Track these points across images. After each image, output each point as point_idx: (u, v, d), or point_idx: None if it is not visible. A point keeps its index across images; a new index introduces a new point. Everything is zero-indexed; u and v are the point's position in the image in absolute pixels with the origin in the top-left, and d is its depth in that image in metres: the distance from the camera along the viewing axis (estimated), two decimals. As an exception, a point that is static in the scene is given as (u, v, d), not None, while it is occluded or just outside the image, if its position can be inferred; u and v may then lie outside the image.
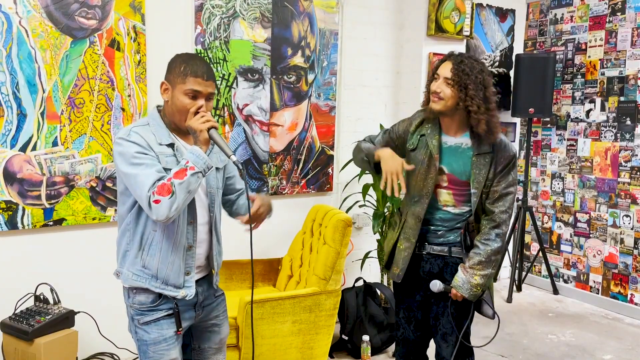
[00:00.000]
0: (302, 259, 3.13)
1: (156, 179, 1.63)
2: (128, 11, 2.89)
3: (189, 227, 1.78)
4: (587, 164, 4.35)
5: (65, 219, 2.81)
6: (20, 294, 2.61)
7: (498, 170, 2.10)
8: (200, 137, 1.68)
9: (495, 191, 2.10)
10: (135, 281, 1.76)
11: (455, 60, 2.08)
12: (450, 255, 2.17)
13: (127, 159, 1.67)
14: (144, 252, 1.75)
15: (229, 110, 3.28)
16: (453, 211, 2.15)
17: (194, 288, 1.81)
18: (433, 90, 2.10)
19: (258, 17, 3.32)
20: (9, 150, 2.65)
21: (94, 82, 2.83)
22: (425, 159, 2.14)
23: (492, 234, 2.10)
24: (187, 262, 1.79)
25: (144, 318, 1.77)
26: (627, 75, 4.07)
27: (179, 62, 1.74)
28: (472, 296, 2.08)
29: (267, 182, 3.48)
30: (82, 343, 2.64)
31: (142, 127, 1.75)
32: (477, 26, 4.37)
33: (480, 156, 2.09)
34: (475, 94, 2.03)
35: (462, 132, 2.14)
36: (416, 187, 2.17)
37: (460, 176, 2.12)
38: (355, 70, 3.83)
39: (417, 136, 2.19)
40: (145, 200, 1.62)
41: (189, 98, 1.71)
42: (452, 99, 2.06)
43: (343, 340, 3.29)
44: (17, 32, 2.61)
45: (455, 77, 2.04)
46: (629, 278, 4.09)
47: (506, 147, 2.12)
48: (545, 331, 3.76)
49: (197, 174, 1.65)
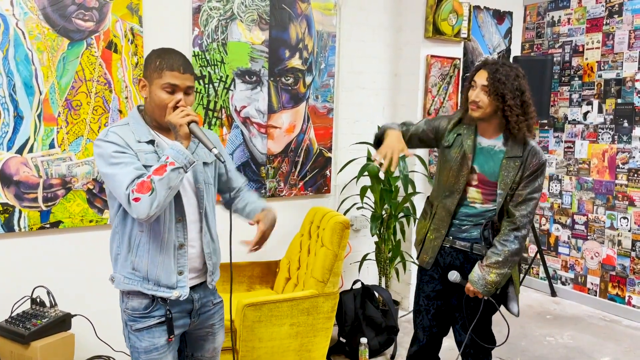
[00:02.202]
0: (300, 261, 3.12)
1: (135, 176, 1.60)
2: (125, 13, 2.88)
3: (177, 225, 1.74)
4: (584, 166, 4.36)
5: (62, 222, 2.80)
6: (17, 297, 2.60)
7: (526, 175, 2.16)
8: (181, 131, 1.65)
9: (520, 195, 2.17)
10: (127, 284, 1.73)
11: (490, 69, 2.14)
12: (472, 251, 2.27)
13: (106, 159, 1.64)
14: (132, 254, 1.72)
15: (227, 113, 3.28)
16: (479, 208, 2.24)
17: (187, 288, 1.77)
18: (472, 99, 2.16)
19: (256, 19, 3.32)
20: (6, 153, 2.64)
21: (91, 84, 2.82)
22: (459, 157, 2.22)
23: (511, 236, 2.16)
24: (179, 262, 1.75)
25: (136, 325, 1.74)
26: (624, 78, 4.08)
27: (154, 56, 1.71)
28: (485, 292, 2.17)
29: (264, 184, 3.47)
30: (79, 346, 2.63)
31: (120, 127, 1.71)
32: (474, 28, 4.38)
33: (511, 159, 2.16)
34: (514, 103, 2.10)
35: (496, 135, 2.21)
36: (448, 182, 2.27)
37: (489, 177, 2.20)
38: (353, 73, 3.84)
39: (454, 135, 2.28)
40: (124, 199, 1.59)
41: (166, 93, 1.67)
42: (490, 107, 2.13)
43: (341, 343, 3.29)
44: (13, 34, 2.60)
45: (492, 86, 2.10)
46: (626, 280, 4.09)
47: (537, 154, 2.18)
48: (543, 333, 3.76)
49: (177, 170, 1.61)
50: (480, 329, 2.32)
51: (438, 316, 2.39)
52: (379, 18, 3.92)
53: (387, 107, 4.03)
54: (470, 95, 2.17)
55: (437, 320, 2.40)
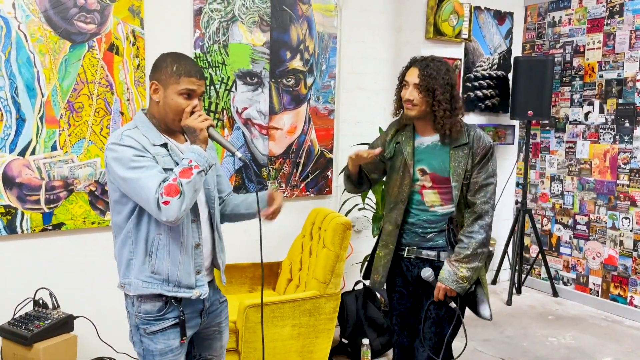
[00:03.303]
0: (302, 262, 3.13)
1: (161, 179, 1.61)
2: (127, 15, 2.89)
3: (193, 225, 1.76)
4: (586, 166, 4.36)
5: (65, 224, 2.81)
6: (19, 299, 2.60)
7: (476, 162, 2.12)
8: (201, 135, 1.68)
9: (475, 182, 2.12)
10: (147, 288, 1.72)
11: (421, 65, 2.11)
12: (439, 259, 2.17)
13: (125, 163, 1.63)
14: (151, 257, 1.72)
15: (228, 114, 3.29)
16: (440, 211, 2.17)
17: (206, 286, 1.80)
18: (406, 98, 2.13)
19: (257, 21, 3.33)
20: (8, 155, 2.64)
21: (93, 86, 2.83)
22: (401, 166, 2.18)
23: (475, 226, 2.10)
24: (197, 261, 1.78)
25: (150, 327, 1.75)
26: (625, 78, 4.08)
27: (170, 61, 1.72)
28: (459, 288, 2.07)
29: (266, 186, 3.47)
30: (82, 348, 2.63)
31: (132, 130, 1.72)
32: (475, 29, 4.38)
33: (458, 149, 2.12)
34: (443, 97, 2.07)
35: (436, 131, 2.17)
36: (393, 194, 2.22)
37: (442, 173, 2.14)
38: (354, 74, 3.84)
39: (393, 144, 2.24)
40: (153, 203, 1.58)
41: (183, 98, 1.70)
42: (424, 104, 2.10)
43: (343, 344, 3.29)
44: (16, 37, 2.61)
45: (423, 81, 2.08)
46: (628, 280, 4.09)
47: (481, 138, 2.14)
48: (545, 334, 3.76)
49: (200, 173, 1.64)
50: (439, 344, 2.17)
51: (413, 333, 2.30)
52: (379, 19, 3.92)
53: (388, 107, 4.00)
54: (404, 94, 2.14)
55: (413, 337, 2.30)
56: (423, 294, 2.22)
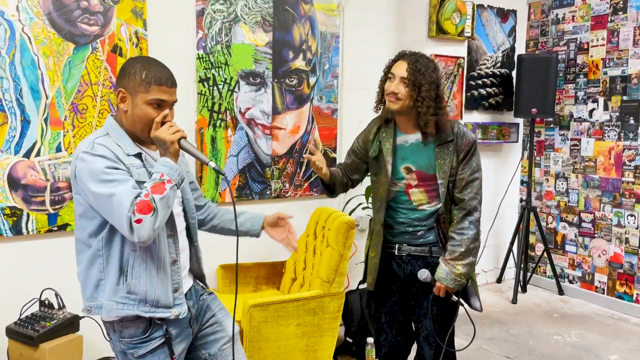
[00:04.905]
0: (306, 261, 3.13)
1: (134, 196, 1.48)
2: (130, 17, 2.90)
3: (169, 240, 1.66)
4: (590, 164, 4.34)
5: (70, 224, 2.82)
6: (25, 300, 2.62)
7: (461, 158, 2.11)
8: (171, 148, 1.56)
9: (461, 179, 2.12)
10: (122, 310, 1.60)
11: (410, 59, 2.10)
12: (431, 255, 2.18)
13: (96, 175, 1.50)
14: (127, 276, 1.59)
15: (231, 114, 3.30)
16: (429, 209, 2.16)
17: (185, 305, 1.69)
18: (390, 91, 2.11)
19: (259, 21, 3.34)
20: (13, 157, 2.66)
21: (96, 87, 2.85)
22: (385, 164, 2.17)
23: (465, 222, 2.10)
24: (174, 278, 1.67)
25: (138, 351, 1.64)
26: (629, 75, 4.06)
27: (139, 67, 1.59)
28: (457, 285, 2.09)
29: (270, 186, 3.48)
30: (87, 348, 2.65)
31: (103, 137, 1.59)
32: (478, 27, 4.37)
33: (443, 146, 2.12)
34: (428, 94, 2.05)
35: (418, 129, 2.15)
36: (379, 194, 2.21)
37: (428, 170, 2.13)
38: (357, 73, 3.84)
39: (377, 143, 2.23)
40: (125, 222, 1.46)
41: (153, 108, 1.58)
42: (409, 99, 2.08)
43: (348, 343, 3.29)
44: (20, 39, 2.63)
45: (411, 76, 2.06)
46: (634, 278, 4.07)
47: (465, 134, 2.13)
48: (551, 332, 3.75)
49: (174, 187, 1.54)
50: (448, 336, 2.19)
51: (402, 331, 2.31)
52: (382, 18, 3.92)
53: (392, 107, 4.03)
54: (388, 87, 2.12)
55: (402, 335, 2.31)
56: (418, 292, 2.22)
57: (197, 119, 3.17)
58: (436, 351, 2.20)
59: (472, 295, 2.19)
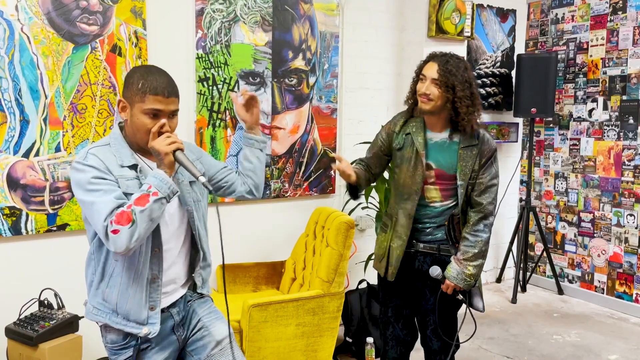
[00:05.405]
0: (306, 261, 3.13)
1: (114, 206, 1.49)
2: (129, 17, 2.90)
3: (153, 257, 1.63)
4: (590, 163, 4.34)
5: (69, 224, 2.82)
6: (25, 300, 2.62)
7: (482, 163, 2.15)
8: (165, 160, 1.54)
9: (481, 183, 2.16)
10: (96, 315, 1.64)
11: (440, 60, 2.12)
12: (440, 252, 2.22)
13: (83, 184, 1.53)
14: (104, 283, 1.63)
15: (231, 114, 3.29)
16: (439, 207, 2.20)
17: (158, 325, 1.65)
18: (422, 92, 2.14)
19: (259, 21, 3.33)
20: (12, 157, 2.66)
21: (96, 87, 2.85)
22: (412, 156, 2.19)
23: (480, 225, 2.15)
24: (151, 296, 1.64)
25: (118, 358, 1.66)
26: (629, 74, 4.06)
27: (137, 77, 1.59)
28: (467, 285, 2.14)
29: (269, 185, 3.48)
30: (87, 348, 2.64)
31: (101, 147, 1.61)
32: (478, 27, 4.37)
33: (467, 149, 2.15)
34: (463, 94, 2.08)
35: (445, 128, 2.19)
36: (405, 185, 2.22)
37: (448, 170, 2.16)
38: (357, 73, 3.84)
39: (403, 135, 2.25)
40: (102, 230, 1.48)
41: (149, 117, 1.58)
42: (440, 99, 2.11)
43: (347, 343, 3.29)
44: (19, 39, 2.62)
45: (443, 77, 2.09)
46: (634, 277, 4.07)
47: (488, 141, 2.18)
48: (551, 332, 3.75)
49: (160, 200, 1.50)
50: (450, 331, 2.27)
51: (408, 324, 2.35)
52: (381, 18, 3.92)
53: (391, 107, 4.03)
54: (420, 88, 2.14)
55: (408, 329, 2.36)
56: (424, 288, 2.27)
57: (196, 119, 3.17)
58: (442, 343, 2.27)
59: (475, 296, 2.24)
